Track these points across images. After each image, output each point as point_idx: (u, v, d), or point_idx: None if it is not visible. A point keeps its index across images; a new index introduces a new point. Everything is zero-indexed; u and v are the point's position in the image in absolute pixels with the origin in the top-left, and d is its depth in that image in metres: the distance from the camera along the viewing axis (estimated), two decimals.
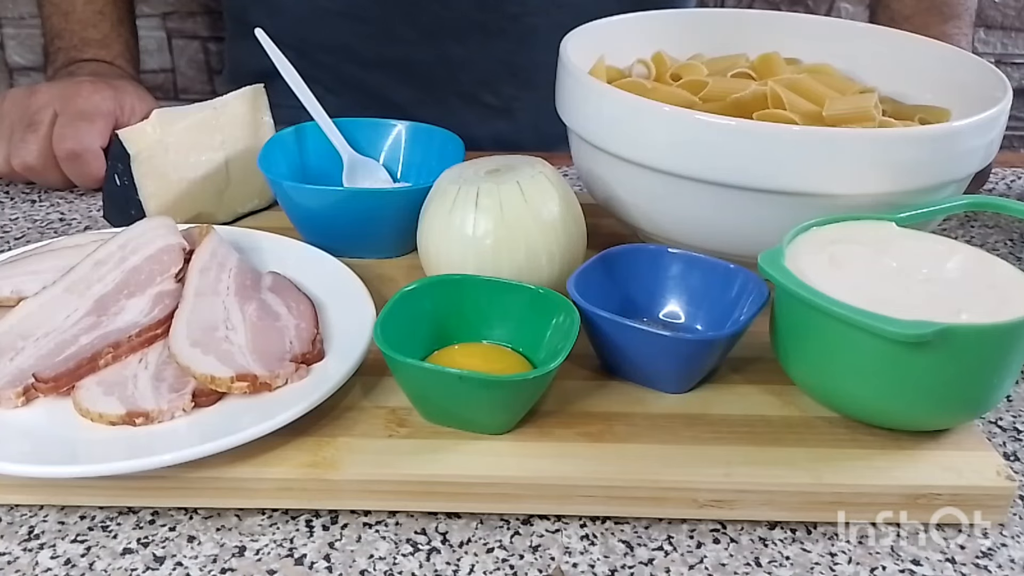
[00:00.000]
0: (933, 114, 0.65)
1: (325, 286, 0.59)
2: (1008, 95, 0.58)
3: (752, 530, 0.48)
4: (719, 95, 0.64)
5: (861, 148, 0.54)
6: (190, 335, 0.52)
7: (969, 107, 0.58)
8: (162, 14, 1.95)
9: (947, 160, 0.56)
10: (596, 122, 0.61)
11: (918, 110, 0.66)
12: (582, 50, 0.65)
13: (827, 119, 0.61)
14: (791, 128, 0.55)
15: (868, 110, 0.61)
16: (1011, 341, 0.47)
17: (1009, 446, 0.54)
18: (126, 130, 0.66)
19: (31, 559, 0.46)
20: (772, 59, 0.70)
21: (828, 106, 0.61)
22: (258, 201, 0.74)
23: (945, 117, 0.64)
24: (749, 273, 0.55)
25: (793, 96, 0.62)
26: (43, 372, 0.50)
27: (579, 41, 0.66)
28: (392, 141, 0.74)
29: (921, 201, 0.56)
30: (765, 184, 0.55)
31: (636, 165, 0.58)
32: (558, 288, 0.54)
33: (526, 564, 0.46)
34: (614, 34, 0.71)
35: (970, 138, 0.56)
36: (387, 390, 0.53)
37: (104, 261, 0.58)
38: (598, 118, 0.60)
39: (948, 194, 0.58)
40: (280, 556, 0.46)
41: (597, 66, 0.67)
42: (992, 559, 0.47)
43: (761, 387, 0.54)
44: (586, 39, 0.67)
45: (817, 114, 0.61)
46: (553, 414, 0.51)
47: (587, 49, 0.67)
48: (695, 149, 0.56)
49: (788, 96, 0.62)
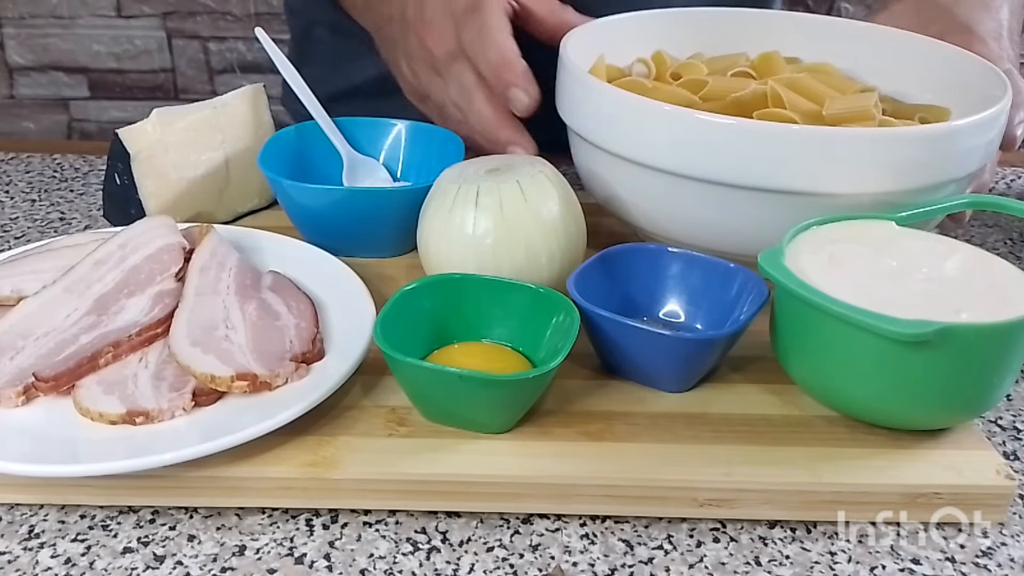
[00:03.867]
0: (933, 113, 0.65)
1: (325, 285, 0.59)
2: (1008, 94, 0.58)
3: (752, 529, 0.48)
4: (719, 94, 0.64)
5: (861, 148, 0.54)
6: (190, 334, 0.52)
7: (969, 106, 0.58)
8: (162, 14, 1.96)
9: (946, 159, 0.56)
10: (596, 121, 0.61)
11: (918, 109, 0.66)
12: (582, 49, 0.65)
13: (827, 118, 0.61)
14: (791, 127, 0.55)
15: (868, 109, 0.61)
16: (1011, 340, 0.47)
17: (1009, 445, 0.54)
18: (126, 129, 0.66)
19: (31, 558, 0.46)
20: (772, 58, 0.70)
21: (828, 105, 0.61)
22: (258, 200, 0.74)
23: (945, 116, 0.64)
24: (749, 272, 0.55)
25: (793, 95, 0.62)
26: (43, 371, 0.50)
27: (579, 40, 0.66)
28: (392, 140, 0.74)
29: (921, 200, 0.56)
30: (765, 183, 0.55)
31: (636, 164, 0.58)
32: (558, 287, 0.54)
33: (526, 563, 0.46)
34: (614, 33, 0.71)
35: (969, 138, 0.56)
36: (387, 389, 0.53)
37: (104, 260, 0.58)
38: (598, 117, 0.60)
39: (948, 193, 0.58)
40: (280, 555, 0.46)
41: (597, 65, 0.67)
42: (992, 558, 0.47)
43: (761, 386, 0.54)
44: (586, 38, 0.67)
45: (817, 113, 0.61)
46: (553, 413, 0.51)
47: (587, 48, 0.67)
48: (695, 148, 0.56)
49: (788, 95, 0.62)
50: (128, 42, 1.97)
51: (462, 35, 0.65)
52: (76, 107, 2.04)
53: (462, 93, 0.65)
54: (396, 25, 0.71)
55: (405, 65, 0.71)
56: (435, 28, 0.67)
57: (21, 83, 2.02)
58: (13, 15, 1.96)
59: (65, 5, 1.94)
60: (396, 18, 0.71)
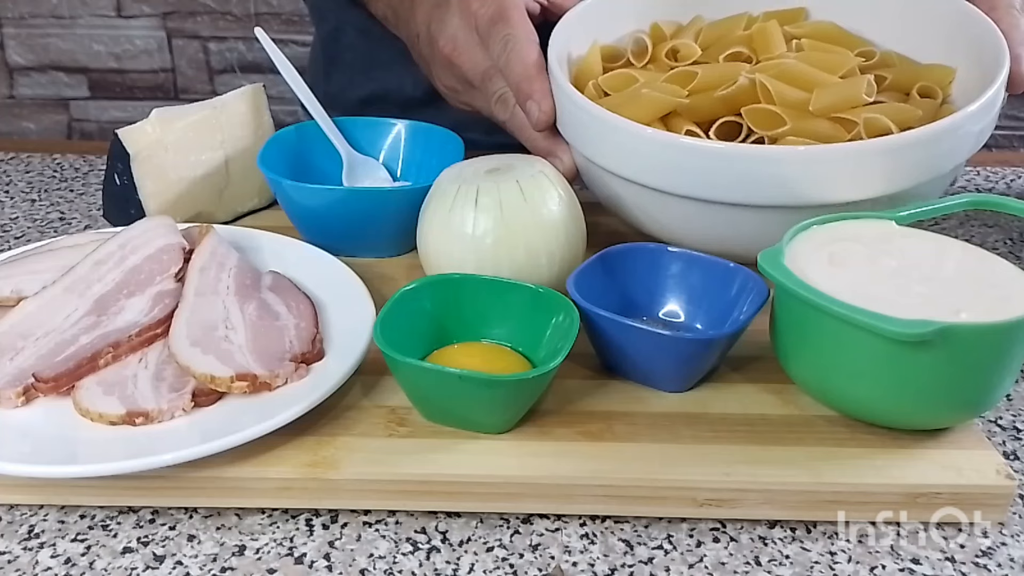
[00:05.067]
0: (936, 75, 0.64)
1: (325, 286, 0.59)
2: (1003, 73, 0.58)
3: (752, 529, 0.48)
4: (707, 86, 0.63)
5: (842, 161, 0.54)
6: (190, 334, 0.52)
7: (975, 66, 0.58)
8: (162, 14, 1.95)
9: (935, 158, 0.56)
10: (584, 136, 0.61)
11: (921, 73, 0.65)
12: (575, 34, 0.65)
13: (815, 113, 0.60)
14: (772, 150, 0.56)
15: (857, 96, 0.60)
16: (1011, 340, 0.47)
17: (1009, 445, 0.54)
18: (126, 129, 0.67)
19: (31, 558, 0.46)
20: (769, 33, 0.67)
21: (815, 99, 0.60)
22: (258, 200, 0.74)
23: (949, 77, 0.63)
24: (749, 272, 0.55)
25: (781, 86, 0.61)
26: (43, 372, 0.50)
27: (571, 25, 0.66)
28: (392, 140, 0.74)
29: (912, 196, 0.56)
30: (750, 200, 0.56)
31: (623, 179, 0.59)
32: (558, 287, 0.54)
33: (526, 563, 0.46)
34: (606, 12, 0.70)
35: (958, 134, 0.56)
36: (387, 389, 0.53)
37: (104, 261, 0.58)
38: (586, 132, 0.60)
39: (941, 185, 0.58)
40: (280, 555, 0.46)
41: (591, 52, 0.67)
42: (992, 558, 0.47)
43: (761, 386, 0.54)
44: (575, 25, 0.66)
45: (806, 103, 0.60)
46: (553, 413, 0.51)
47: (581, 31, 0.66)
48: (677, 168, 0.57)
49: (776, 87, 0.61)
50: (128, 42, 1.97)
51: (491, 49, 0.65)
52: (76, 107, 2.04)
53: (504, 108, 0.66)
54: (423, 42, 0.71)
55: (439, 84, 0.71)
56: (460, 44, 0.67)
57: (21, 83, 2.02)
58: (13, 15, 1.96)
59: (65, 5, 1.94)
60: (422, 36, 0.71)
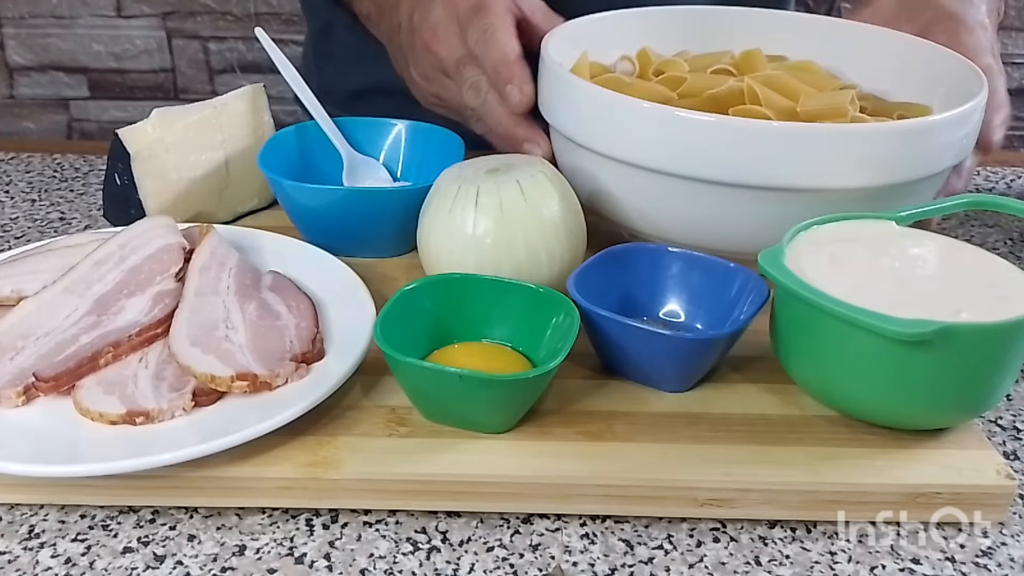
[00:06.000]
0: (913, 111, 0.64)
1: (325, 285, 0.59)
2: (984, 91, 0.59)
3: (752, 529, 0.48)
4: (696, 91, 0.64)
5: (831, 143, 0.54)
6: (190, 334, 0.52)
7: (950, 103, 0.58)
8: (162, 14, 1.95)
9: (919, 155, 0.57)
10: (576, 118, 0.61)
11: (899, 107, 0.66)
12: (565, 46, 0.65)
13: (801, 115, 0.61)
14: (765, 124, 0.55)
15: (843, 106, 0.61)
16: (1011, 340, 0.47)
17: (1009, 445, 0.54)
18: (126, 129, 0.67)
19: (31, 558, 0.46)
20: (754, 56, 0.69)
21: (802, 102, 0.61)
22: (258, 200, 0.74)
23: (926, 114, 0.64)
24: (749, 272, 0.55)
25: (769, 92, 0.62)
26: (43, 371, 0.50)
27: (562, 37, 0.66)
28: (392, 140, 0.74)
29: (900, 195, 0.56)
30: (739, 179, 0.55)
31: (616, 161, 0.58)
32: (558, 287, 0.54)
33: (526, 563, 0.46)
34: (599, 30, 0.70)
35: (941, 133, 0.57)
36: (387, 389, 0.53)
37: (104, 260, 0.58)
38: (577, 114, 0.60)
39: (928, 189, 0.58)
40: (280, 555, 0.46)
41: (580, 62, 0.67)
42: (992, 558, 0.47)
43: (761, 386, 0.54)
44: (568, 36, 0.67)
45: (792, 110, 0.61)
46: (553, 413, 0.51)
47: (570, 45, 0.66)
48: (672, 145, 0.56)
49: (764, 92, 0.61)
50: (128, 42, 1.97)
51: (468, 37, 0.65)
52: (76, 107, 2.04)
53: (475, 95, 0.66)
54: (404, 32, 0.71)
55: (415, 71, 0.71)
56: (440, 32, 0.67)
57: (21, 83, 2.02)
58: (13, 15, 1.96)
59: (65, 5, 1.94)
60: (404, 25, 0.71)
